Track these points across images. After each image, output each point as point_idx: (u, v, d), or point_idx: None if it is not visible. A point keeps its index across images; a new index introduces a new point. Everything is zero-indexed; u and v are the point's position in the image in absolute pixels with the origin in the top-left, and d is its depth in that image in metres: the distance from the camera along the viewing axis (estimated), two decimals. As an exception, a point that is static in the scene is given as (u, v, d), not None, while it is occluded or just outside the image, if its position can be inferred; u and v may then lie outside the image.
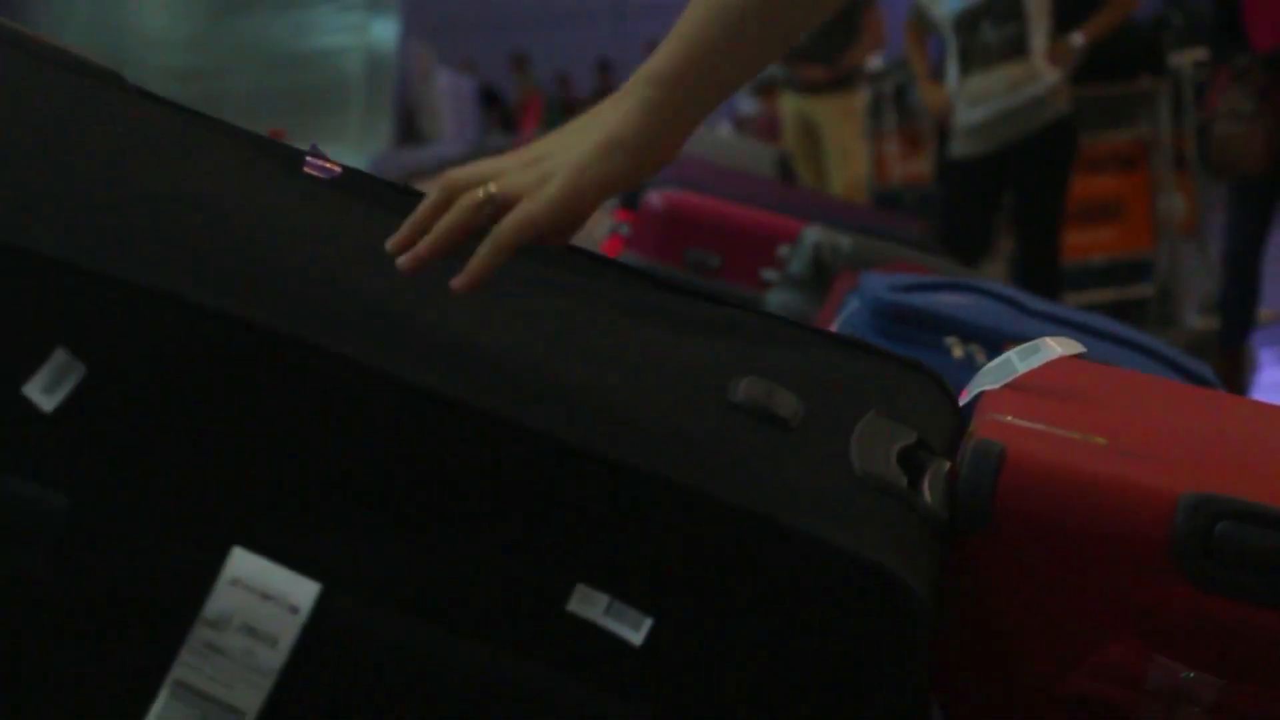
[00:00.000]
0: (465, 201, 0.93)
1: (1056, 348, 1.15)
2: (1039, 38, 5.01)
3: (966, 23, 5.05)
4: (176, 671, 0.86)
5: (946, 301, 1.82)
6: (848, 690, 0.91)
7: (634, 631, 0.89)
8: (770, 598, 0.90)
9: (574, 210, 0.94)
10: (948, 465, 1.04)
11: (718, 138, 7.11)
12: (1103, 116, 6.32)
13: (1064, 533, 1.00)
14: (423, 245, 0.94)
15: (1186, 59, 6.49)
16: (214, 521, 0.87)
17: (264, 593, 0.87)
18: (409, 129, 8.78)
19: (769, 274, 2.66)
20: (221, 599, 0.86)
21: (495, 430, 0.88)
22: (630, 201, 2.93)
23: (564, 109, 15.88)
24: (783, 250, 2.55)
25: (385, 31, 6.95)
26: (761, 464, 0.96)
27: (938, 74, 5.36)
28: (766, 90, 9.11)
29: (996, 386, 1.14)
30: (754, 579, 0.90)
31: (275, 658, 0.86)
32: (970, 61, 5.05)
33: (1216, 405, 1.39)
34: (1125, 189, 6.48)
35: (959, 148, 5.15)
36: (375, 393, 0.88)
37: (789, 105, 6.70)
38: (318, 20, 6.91)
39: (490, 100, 15.25)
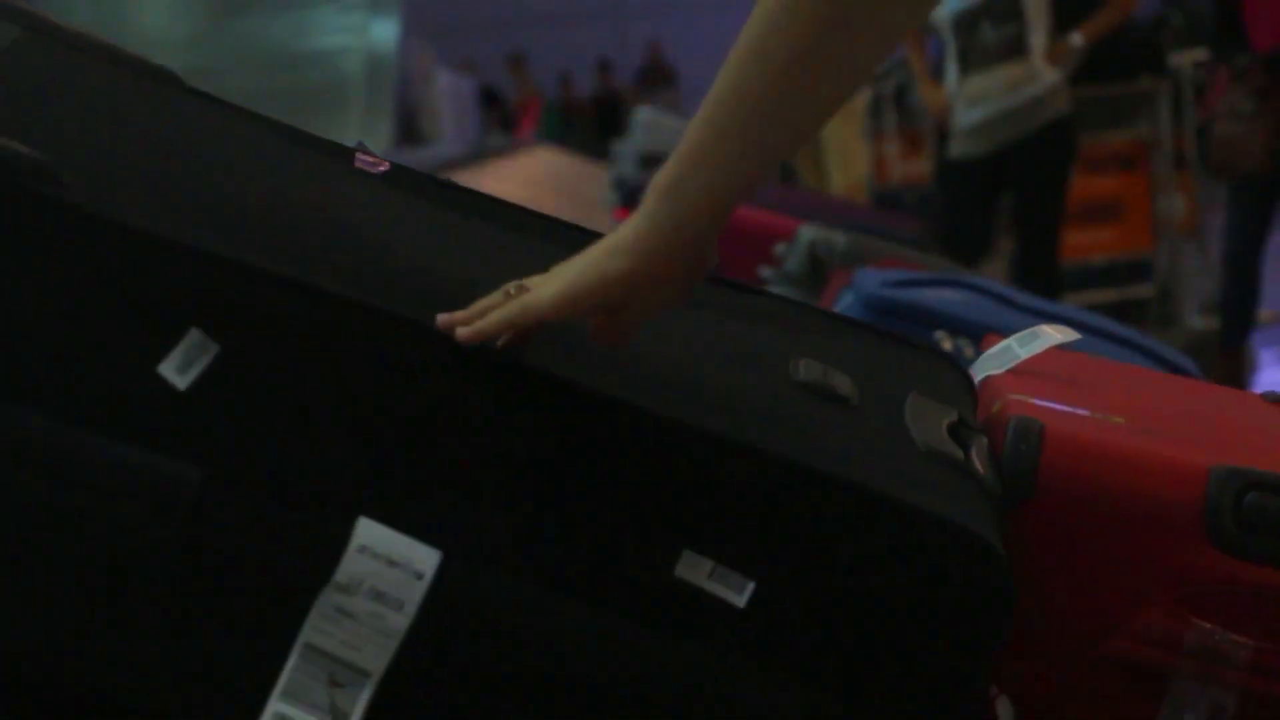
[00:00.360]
0: (497, 292, 1.00)
1: (1054, 335, 1.21)
2: (1038, 38, 5.01)
3: (965, 23, 5.05)
4: (306, 635, 0.91)
5: (937, 297, 1.87)
6: (939, 650, 0.97)
7: (737, 595, 0.95)
8: (864, 562, 0.96)
9: (571, 304, 0.99)
10: (986, 441, 1.10)
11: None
12: (1103, 117, 6.34)
13: (1102, 504, 1.06)
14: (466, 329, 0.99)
15: (1186, 59, 6.50)
16: (340, 493, 0.92)
17: (390, 559, 0.92)
18: (409, 129, 8.80)
19: (766, 272, 2.69)
20: (351, 565, 0.91)
21: (608, 410, 0.95)
22: (631, 200, 2.96)
23: (564, 110, 15.90)
24: (779, 248, 2.60)
25: (385, 32, 6.94)
26: (840, 438, 1.04)
27: (937, 74, 5.37)
28: None
29: (1000, 371, 1.21)
30: (849, 544, 0.96)
31: (402, 621, 0.91)
32: (969, 62, 5.06)
33: (1201, 392, 1.47)
34: (1125, 189, 6.50)
35: (958, 148, 5.16)
36: (490, 374, 0.95)
37: None
38: (318, 20, 6.92)
39: (490, 100, 15.27)
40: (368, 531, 0.92)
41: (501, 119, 14.91)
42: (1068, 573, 1.05)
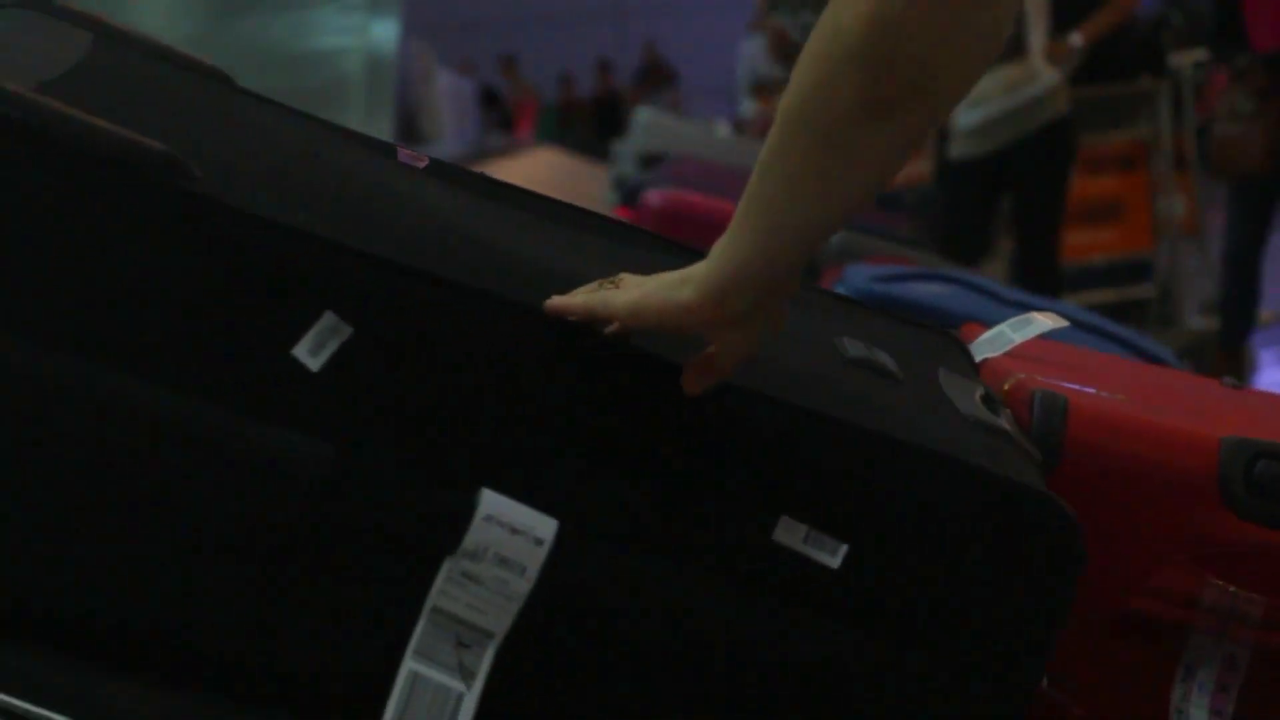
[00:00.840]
0: (594, 283, 1.05)
1: (1045, 321, 1.29)
2: (1037, 38, 5.01)
3: None
4: (434, 599, 0.97)
5: (924, 290, 1.94)
6: (1020, 610, 1.04)
7: (831, 557, 1.02)
8: (948, 525, 1.04)
9: (638, 316, 1.01)
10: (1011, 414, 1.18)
11: (716, 139, 7.17)
12: (1103, 117, 6.34)
13: (1122, 473, 1.15)
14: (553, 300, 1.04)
15: (1186, 59, 6.54)
16: (464, 467, 0.99)
17: (513, 528, 0.98)
18: (409, 129, 8.80)
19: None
20: (478, 534, 0.97)
21: (710, 390, 1.02)
22: (631, 199, 3.02)
23: (563, 110, 15.91)
24: None
25: (386, 32, 6.95)
26: (905, 409, 1.11)
27: None
28: (762, 91, 9.11)
29: (997, 354, 1.28)
30: (932, 508, 1.03)
31: (524, 585, 0.98)
32: None
33: (1181, 378, 1.59)
34: (1125, 189, 6.49)
35: (958, 149, 5.17)
36: (603, 359, 1.03)
37: None
38: (318, 21, 6.93)
39: (490, 101, 15.29)
40: (491, 501, 0.98)
41: (502, 119, 14.94)
42: (1090, 537, 1.08)
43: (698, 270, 1.01)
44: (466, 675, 0.97)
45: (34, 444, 0.96)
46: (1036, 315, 1.31)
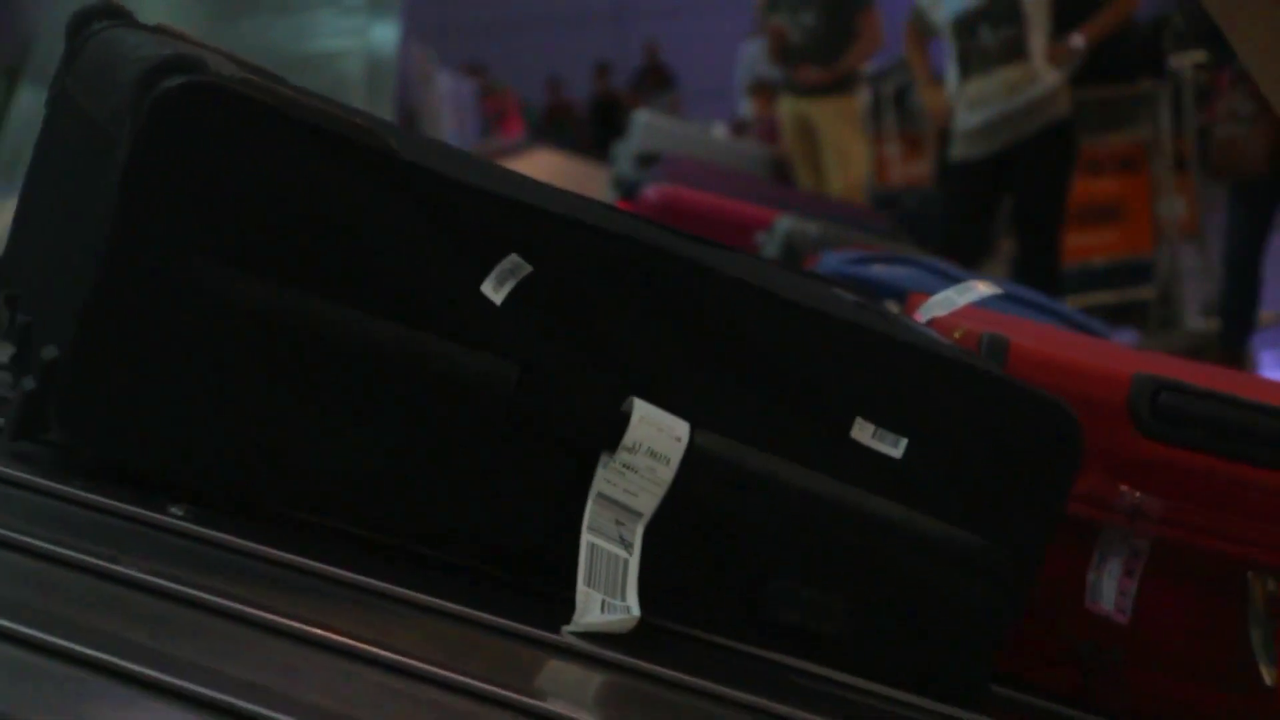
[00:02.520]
0: None
1: (983, 288, 1.53)
2: (1038, 40, 5.05)
3: (965, 26, 5.10)
4: (598, 486, 1.20)
5: (887, 272, 2.25)
6: (1042, 489, 1.30)
7: (894, 449, 1.27)
8: (981, 421, 1.29)
9: None
10: None
11: (713, 140, 7.26)
12: (1103, 119, 6.42)
13: None
14: None
15: (1186, 61, 6.59)
16: (620, 382, 1.23)
17: (659, 426, 1.21)
18: (409, 130, 8.83)
19: (748, 257, 2.94)
20: (635, 432, 1.21)
21: (799, 317, 1.27)
22: (630, 195, 3.21)
23: (553, 113, 15.94)
24: (759, 237, 2.94)
25: (386, 34, 7.02)
26: (926, 337, 1.37)
27: (939, 78, 5.44)
28: (760, 93, 9.15)
29: (945, 314, 1.50)
30: (969, 409, 1.29)
31: (668, 472, 1.21)
32: (969, 65, 5.10)
33: (1106, 340, 1.86)
34: (1126, 191, 6.57)
35: (959, 150, 5.20)
36: (715, 296, 1.26)
37: (787, 107, 6.77)
38: (318, 23, 6.97)
39: (491, 104, 15.31)
40: (642, 407, 1.22)
41: (493, 122, 14.96)
42: None
43: None
44: (627, 546, 1.20)
45: (286, 363, 1.18)
46: (976, 283, 1.54)
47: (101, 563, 1.01)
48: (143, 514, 1.12)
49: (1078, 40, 5.15)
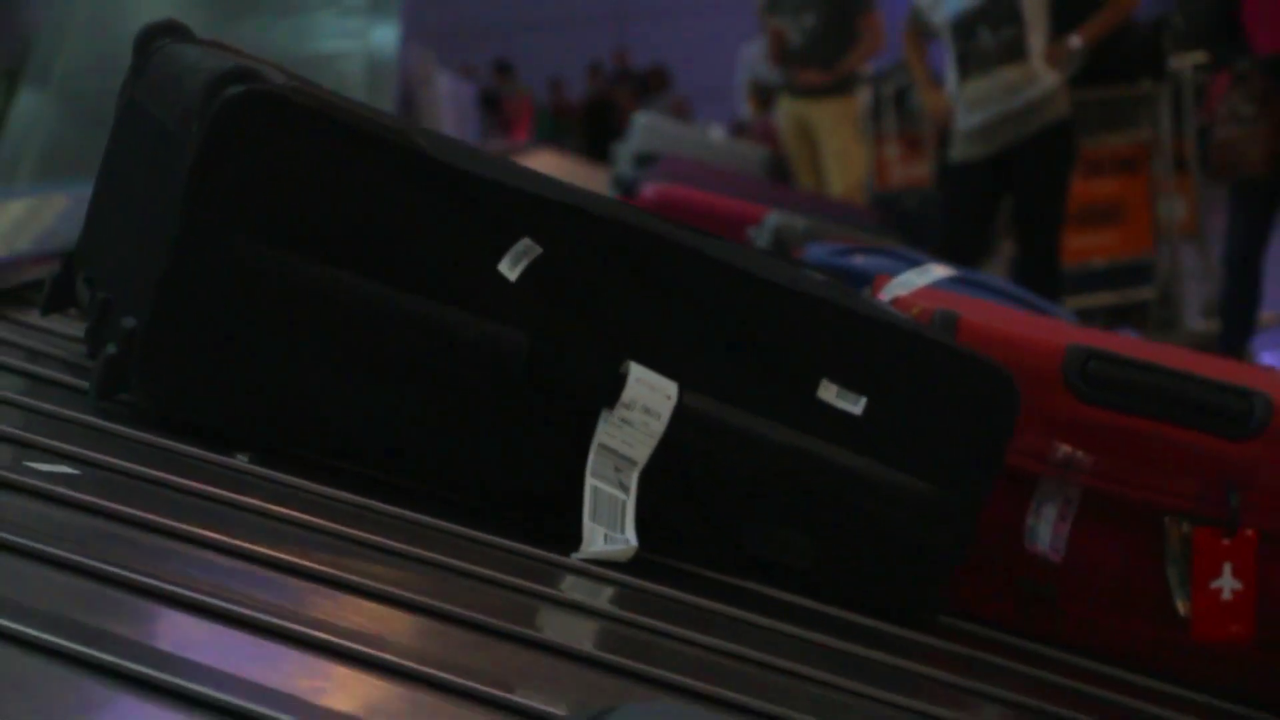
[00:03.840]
0: None
1: (941, 271, 1.84)
2: (1037, 40, 5.13)
3: (963, 27, 5.18)
4: (600, 438, 1.45)
5: (864, 262, 2.47)
6: (985, 440, 1.56)
7: (854, 406, 1.52)
8: (930, 382, 1.54)
9: None
10: None
11: (710, 141, 7.42)
12: (1103, 119, 6.51)
13: None
14: None
15: (1186, 62, 6.66)
16: (619, 348, 1.47)
17: (651, 386, 1.46)
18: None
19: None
20: (631, 391, 1.45)
21: (776, 294, 1.52)
22: (628, 192, 3.38)
23: (556, 114, 16.10)
24: (750, 231, 3.17)
25: (386, 36, 6.93)
26: (885, 310, 1.62)
27: (941, 79, 5.52)
28: (755, 95, 9.24)
29: (906, 293, 1.78)
30: (919, 371, 1.54)
31: (659, 426, 1.46)
32: (968, 66, 5.18)
33: (1052, 318, 2.11)
34: (1126, 192, 6.67)
35: (959, 151, 5.29)
36: (705, 272, 1.50)
37: (786, 109, 6.87)
38: (319, 25, 7.02)
39: (490, 105, 15.46)
40: (638, 370, 1.46)
41: (502, 123, 15.12)
42: None
43: None
44: (625, 489, 1.45)
45: (332, 332, 1.41)
46: (934, 266, 1.85)
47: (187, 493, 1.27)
48: (215, 458, 1.37)
49: (1076, 41, 5.21)
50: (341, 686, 0.97)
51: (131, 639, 0.93)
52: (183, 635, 0.98)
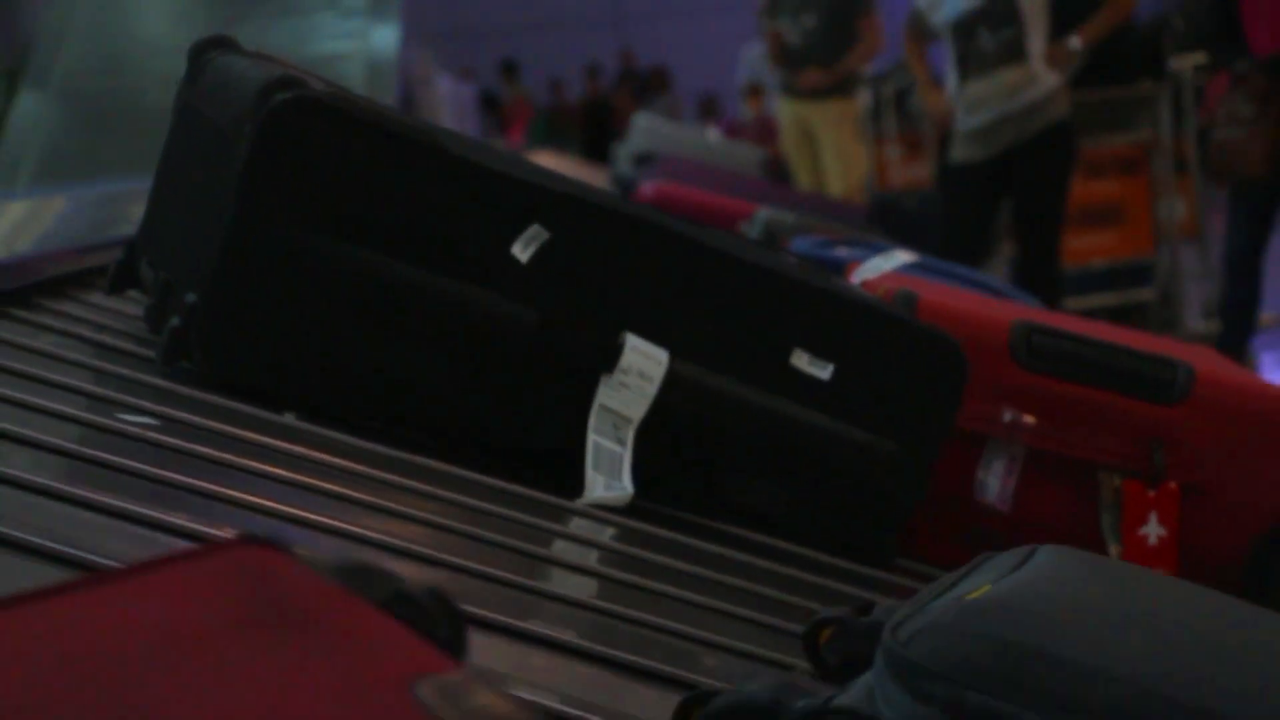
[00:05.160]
0: None
1: (905, 255, 2.19)
2: (1037, 42, 5.24)
3: (963, 29, 5.29)
4: (601, 399, 1.73)
5: (846, 252, 2.71)
6: (937, 401, 1.83)
7: (823, 372, 1.81)
8: (888, 351, 1.82)
9: None
10: None
11: (707, 142, 7.65)
12: (1103, 121, 6.61)
13: None
14: None
15: (1186, 63, 6.76)
16: (616, 321, 1.74)
17: (645, 354, 1.74)
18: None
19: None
20: (628, 357, 1.74)
21: (757, 272, 1.79)
22: (628, 191, 3.64)
23: (554, 116, 16.30)
24: (742, 226, 3.46)
25: (386, 37, 7.05)
26: (850, 288, 1.94)
27: (941, 80, 5.62)
28: (754, 94, 9.40)
29: (874, 277, 2.11)
30: (879, 342, 1.82)
31: (652, 388, 1.74)
32: (968, 67, 5.30)
33: (1007, 300, 2.42)
34: (1126, 193, 6.78)
35: (959, 153, 5.41)
36: (693, 255, 1.77)
37: (786, 111, 7.03)
38: (319, 26, 7.09)
39: (490, 106, 15.67)
40: (633, 340, 1.74)
41: (501, 124, 15.33)
42: None
43: None
44: (622, 443, 1.73)
45: (366, 307, 1.69)
46: (898, 252, 2.22)
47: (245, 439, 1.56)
48: (266, 415, 1.65)
49: (1075, 42, 5.29)
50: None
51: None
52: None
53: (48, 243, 2.73)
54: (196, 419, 1.57)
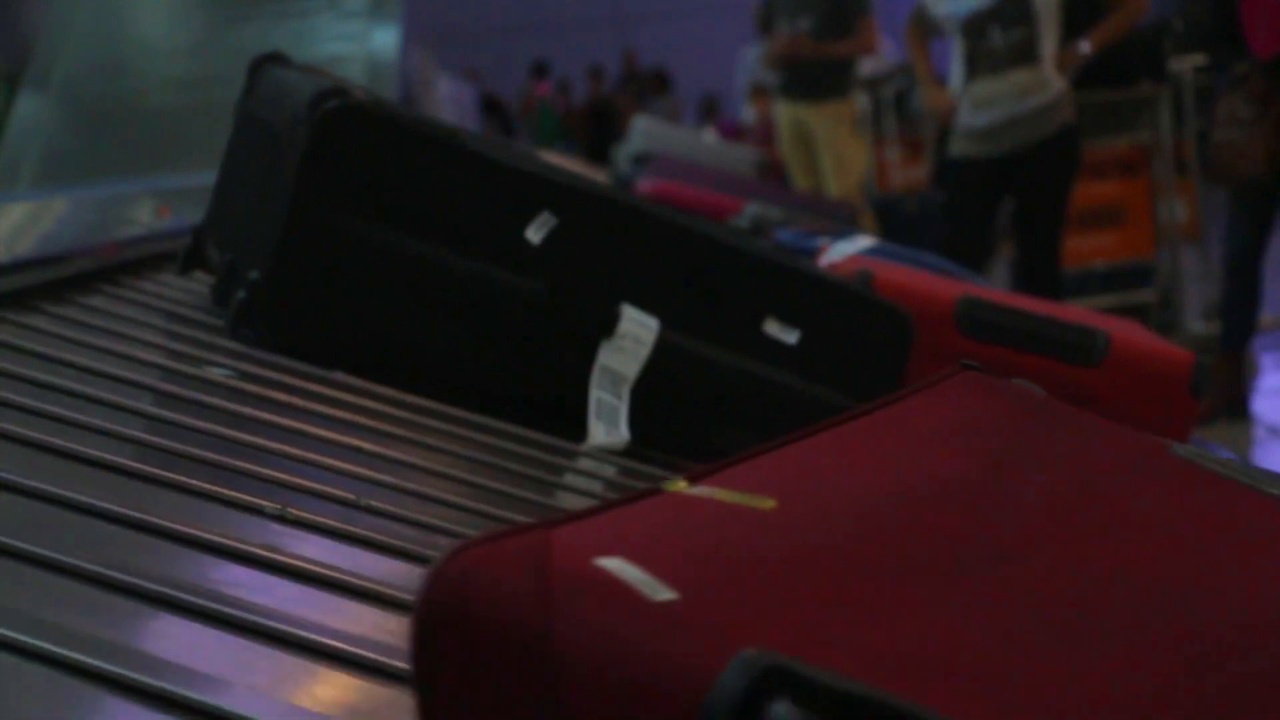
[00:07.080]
0: None
1: (866, 240, 2.61)
2: (1049, 43, 5.40)
3: (974, 26, 5.44)
4: (602, 359, 2.11)
5: (818, 241, 3.06)
6: (887, 363, 2.22)
7: (791, 338, 2.19)
8: (846, 321, 2.21)
9: None
10: None
11: (705, 143, 7.97)
12: (1104, 122, 6.83)
13: None
14: None
15: (1187, 64, 7.00)
16: (615, 294, 2.12)
17: (640, 322, 2.12)
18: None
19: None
20: (624, 325, 2.11)
21: (733, 254, 2.19)
22: (626, 188, 4.04)
23: (563, 117, 16.59)
24: (732, 220, 3.84)
25: (386, 38, 7.25)
26: (816, 268, 2.31)
27: (943, 78, 5.77)
28: (759, 96, 9.64)
29: (839, 259, 2.52)
30: (839, 312, 2.21)
31: (645, 351, 2.11)
32: (977, 65, 5.44)
33: (964, 279, 2.82)
34: (1126, 194, 7.02)
35: (960, 148, 5.55)
36: (679, 237, 2.17)
37: (784, 113, 7.25)
38: (319, 27, 7.26)
39: (491, 107, 15.93)
40: (629, 310, 2.12)
41: (502, 126, 15.59)
42: None
43: None
44: (620, 398, 2.11)
45: (402, 283, 2.04)
46: (861, 238, 2.64)
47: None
48: (318, 372, 2.08)
49: (1086, 46, 5.48)
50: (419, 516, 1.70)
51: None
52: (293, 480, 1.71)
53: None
54: (264, 372, 2.00)
